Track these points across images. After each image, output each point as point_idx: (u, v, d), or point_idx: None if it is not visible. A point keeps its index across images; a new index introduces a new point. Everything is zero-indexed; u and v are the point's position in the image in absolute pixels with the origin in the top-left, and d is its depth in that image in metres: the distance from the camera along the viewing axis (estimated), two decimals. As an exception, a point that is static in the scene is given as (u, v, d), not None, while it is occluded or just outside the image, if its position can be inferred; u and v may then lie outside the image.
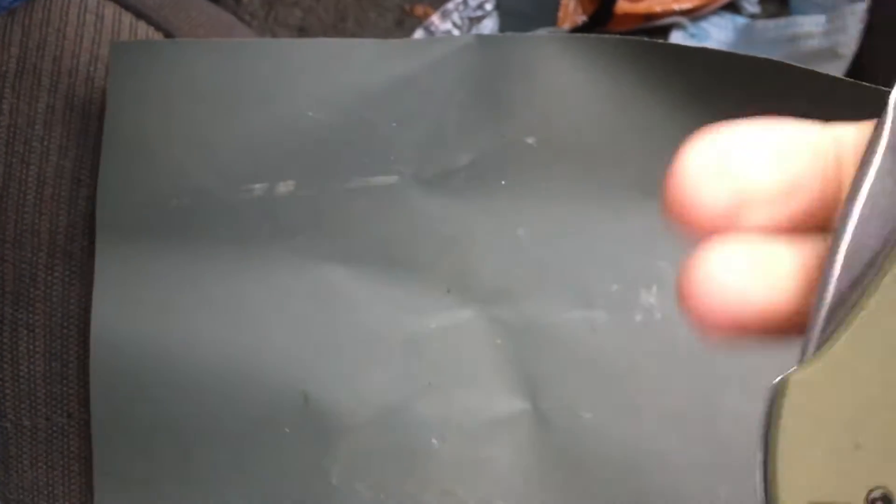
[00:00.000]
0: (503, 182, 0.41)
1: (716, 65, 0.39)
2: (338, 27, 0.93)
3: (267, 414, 0.39)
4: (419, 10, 0.96)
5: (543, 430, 0.40)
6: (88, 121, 0.43)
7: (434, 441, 0.40)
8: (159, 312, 0.40)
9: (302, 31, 0.92)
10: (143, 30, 0.46)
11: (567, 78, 0.40)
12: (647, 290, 0.41)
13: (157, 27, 0.46)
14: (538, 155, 0.41)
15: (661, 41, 0.40)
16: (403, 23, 0.94)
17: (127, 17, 0.46)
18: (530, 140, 0.41)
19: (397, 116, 0.41)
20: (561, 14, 0.98)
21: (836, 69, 0.85)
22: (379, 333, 0.40)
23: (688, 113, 0.40)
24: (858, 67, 0.83)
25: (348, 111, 0.41)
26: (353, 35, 0.93)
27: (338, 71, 0.41)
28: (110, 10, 0.45)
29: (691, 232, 0.17)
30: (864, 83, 0.38)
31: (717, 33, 0.96)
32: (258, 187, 0.40)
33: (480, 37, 0.41)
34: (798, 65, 0.38)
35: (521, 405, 0.40)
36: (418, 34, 0.94)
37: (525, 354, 0.40)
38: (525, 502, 0.39)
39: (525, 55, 0.41)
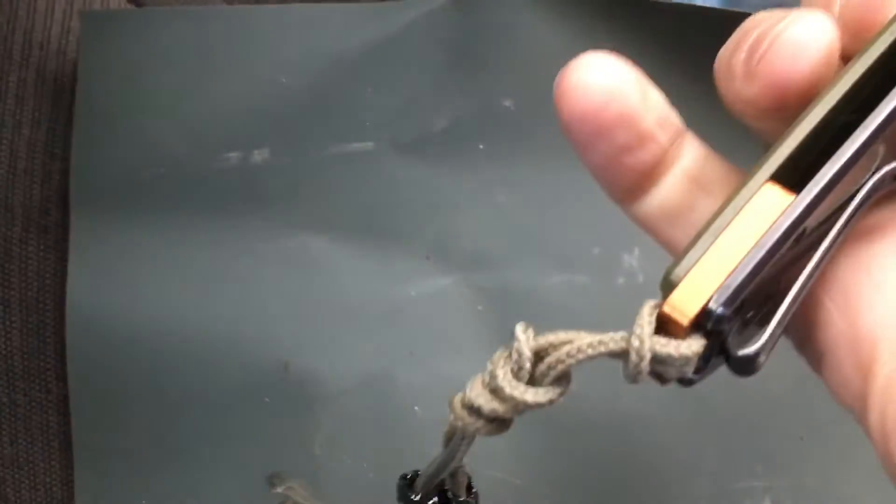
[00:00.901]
0: (481, 146, 0.41)
1: (694, 20, 0.39)
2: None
3: (247, 384, 0.39)
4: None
5: None
6: (61, 93, 0.42)
7: (417, 409, 0.40)
8: (136, 284, 0.39)
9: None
10: (115, 1, 0.45)
11: (544, 38, 0.40)
12: (628, 253, 0.41)
13: (130, -2, 0.46)
14: (516, 118, 0.40)
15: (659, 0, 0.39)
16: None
17: (98, -11, 0.45)
18: (508, 103, 0.40)
19: (372, 81, 0.40)
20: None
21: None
22: (359, 301, 0.40)
23: (669, 70, 0.39)
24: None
25: (322, 77, 0.40)
26: None
27: (311, 36, 0.40)
28: (81, -19, 0.44)
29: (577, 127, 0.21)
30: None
31: None
32: (233, 156, 0.40)
33: None
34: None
35: None
36: None
37: (507, 320, 0.40)
38: (509, 466, 0.39)
39: (500, 16, 0.40)
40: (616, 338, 0.19)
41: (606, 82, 0.20)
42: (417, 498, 0.24)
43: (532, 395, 0.20)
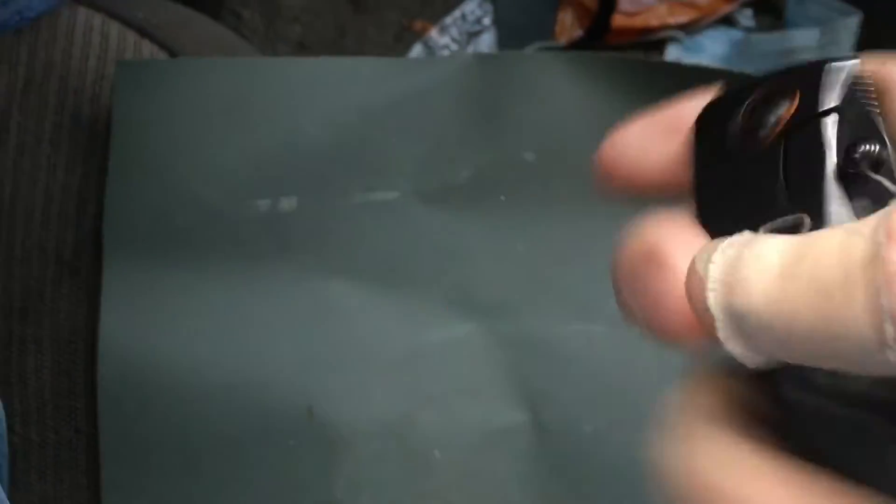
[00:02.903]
0: (503, 197, 0.42)
1: (711, 82, 0.40)
2: (337, 43, 0.93)
3: (272, 427, 0.40)
4: (418, 25, 0.97)
5: (543, 441, 0.40)
6: (94, 139, 0.43)
7: (436, 452, 0.40)
8: (165, 327, 0.40)
9: (301, 46, 0.93)
10: (148, 48, 0.46)
11: (565, 95, 0.41)
12: None
13: (161, 45, 0.47)
14: (537, 171, 0.42)
15: (656, 60, 0.41)
16: (402, 37, 0.95)
17: (131, 36, 0.46)
18: (529, 156, 0.42)
19: (398, 133, 0.42)
20: (558, 28, 0.99)
21: (830, 82, 0.85)
22: (381, 347, 0.41)
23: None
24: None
25: (350, 128, 0.41)
26: (352, 50, 0.94)
27: (340, 88, 0.42)
28: (115, 30, 0.46)
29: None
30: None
31: (713, 46, 0.97)
32: (262, 203, 0.41)
33: (480, 55, 0.42)
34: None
35: (521, 417, 0.40)
36: (417, 49, 0.95)
37: (525, 367, 0.41)
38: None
39: (524, 73, 0.41)
40: None
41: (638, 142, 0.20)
42: None
43: None
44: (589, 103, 0.41)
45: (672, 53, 0.98)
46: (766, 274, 0.14)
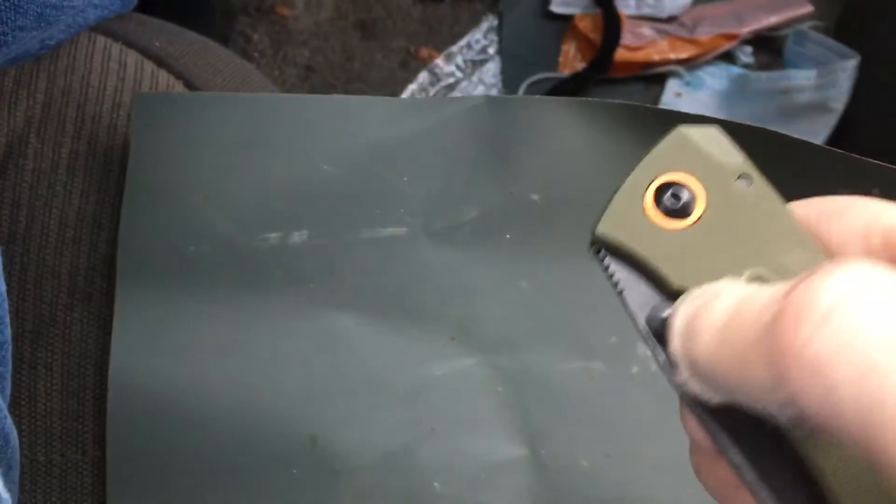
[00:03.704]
0: (508, 236, 0.43)
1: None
2: (344, 67, 0.95)
3: (277, 456, 0.41)
4: (424, 52, 0.98)
5: (541, 475, 0.41)
6: (110, 167, 0.44)
7: (436, 485, 0.41)
8: (175, 354, 0.41)
9: (309, 70, 0.94)
10: (165, 78, 0.47)
11: (572, 139, 0.42)
12: (643, 344, 0.43)
13: (178, 75, 0.48)
14: (542, 211, 0.43)
15: (661, 108, 0.42)
16: (408, 64, 0.96)
17: (149, 66, 0.47)
18: (535, 197, 0.43)
19: (408, 171, 0.43)
20: (561, 60, 1.00)
21: (827, 122, 0.87)
22: (385, 379, 0.42)
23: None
24: (848, 121, 0.86)
25: (361, 165, 0.43)
26: (358, 74, 0.95)
27: (353, 127, 0.43)
28: (133, 59, 0.47)
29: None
30: (849, 154, 0.40)
31: (712, 82, 0.99)
32: (274, 236, 0.42)
33: (490, 97, 0.43)
34: (790, 135, 0.40)
35: (521, 451, 0.41)
36: (423, 76, 0.96)
37: (525, 402, 0.42)
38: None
39: (532, 116, 0.43)
40: None
41: None
42: None
43: None
44: (595, 148, 0.42)
45: (672, 87, 1.00)
46: (711, 327, 0.18)
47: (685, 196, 0.22)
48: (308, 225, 0.42)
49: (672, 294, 0.21)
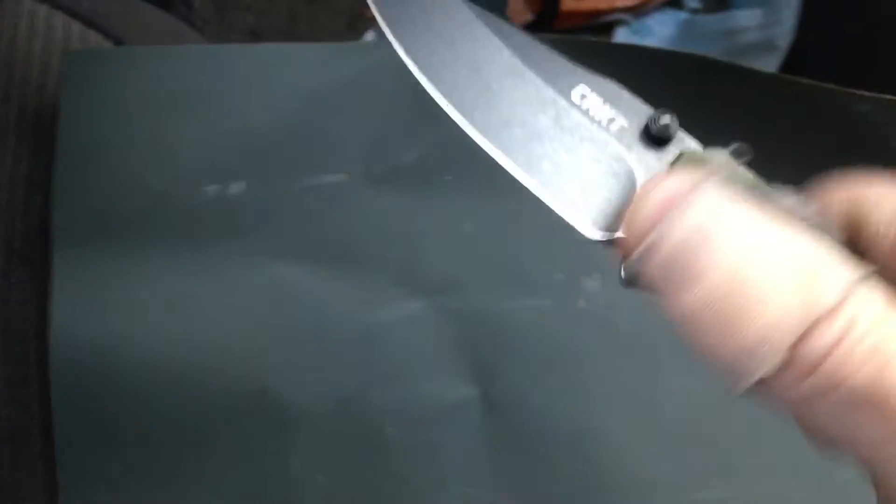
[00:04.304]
0: (448, 178, 0.43)
1: (660, 63, 0.41)
2: (290, 31, 0.94)
3: (227, 408, 0.40)
4: (370, 12, 0.97)
5: (493, 414, 0.41)
6: (41, 129, 0.43)
7: (389, 429, 0.41)
8: (117, 312, 0.41)
9: (254, 36, 0.93)
10: (94, 38, 0.47)
11: None
12: (589, 278, 0.43)
13: (107, 35, 0.47)
14: (481, 151, 0.43)
15: (614, 42, 0.42)
16: (355, 25, 0.95)
17: (77, 26, 0.46)
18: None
19: (345, 116, 0.42)
20: (509, 12, 1.00)
21: (772, 60, 0.87)
22: (332, 327, 0.42)
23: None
24: (793, 59, 0.86)
25: (298, 113, 0.42)
26: (305, 38, 0.94)
27: (286, 74, 0.42)
28: (59, 20, 0.46)
29: None
30: (795, 77, 0.40)
31: (660, 29, 0.99)
32: (211, 188, 0.42)
33: None
34: (733, 61, 0.40)
35: (472, 391, 0.41)
36: (369, 36, 0.95)
37: (474, 343, 0.42)
38: (477, 484, 0.41)
39: None
40: None
41: None
42: None
43: None
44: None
45: (620, 36, 1.00)
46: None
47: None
48: (246, 175, 0.42)
49: None
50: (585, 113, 0.24)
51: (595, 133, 0.23)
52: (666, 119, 0.23)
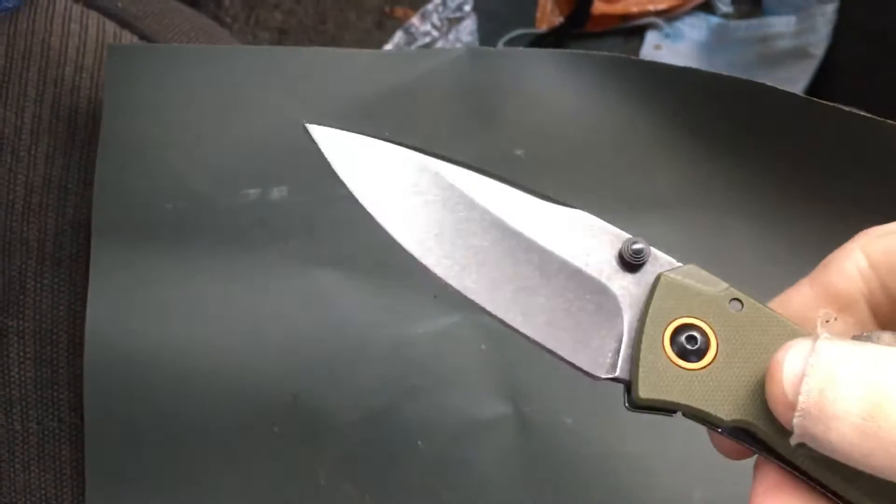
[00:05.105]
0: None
1: (697, 83, 0.40)
2: (318, 29, 0.93)
3: (257, 414, 0.40)
4: (399, 11, 0.97)
5: (525, 433, 0.41)
6: (75, 130, 0.43)
7: (419, 442, 0.41)
8: (152, 315, 0.40)
9: (282, 34, 0.93)
10: (127, 39, 0.46)
11: (555, 92, 0.42)
12: None
13: (141, 36, 0.47)
14: (526, 166, 0.42)
15: (645, 60, 0.41)
16: (383, 24, 0.94)
17: (111, 26, 0.46)
18: (519, 152, 0.42)
19: (389, 125, 0.42)
20: (538, 15, 0.99)
21: (806, 68, 0.86)
22: (367, 337, 0.41)
23: (670, 129, 0.41)
24: (828, 67, 0.85)
25: (341, 119, 0.41)
26: (333, 36, 0.93)
27: (332, 80, 0.42)
28: (94, 20, 0.46)
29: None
30: (832, 104, 0.39)
31: (691, 33, 0.98)
32: (252, 192, 0.41)
33: (472, 49, 0.42)
34: (773, 86, 0.39)
35: (504, 409, 0.41)
36: (398, 36, 0.95)
37: (508, 360, 0.41)
38: (507, 502, 0.40)
39: (515, 69, 0.42)
40: None
41: None
42: None
43: None
44: (579, 101, 0.42)
45: (651, 40, 0.99)
46: (847, 418, 0.20)
47: (699, 336, 0.23)
48: (287, 181, 0.41)
49: (724, 424, 0.23)
50: (563, 253, 0.25)
51: (576, 272, 0.25)
52: (639, 244, 0.25)
